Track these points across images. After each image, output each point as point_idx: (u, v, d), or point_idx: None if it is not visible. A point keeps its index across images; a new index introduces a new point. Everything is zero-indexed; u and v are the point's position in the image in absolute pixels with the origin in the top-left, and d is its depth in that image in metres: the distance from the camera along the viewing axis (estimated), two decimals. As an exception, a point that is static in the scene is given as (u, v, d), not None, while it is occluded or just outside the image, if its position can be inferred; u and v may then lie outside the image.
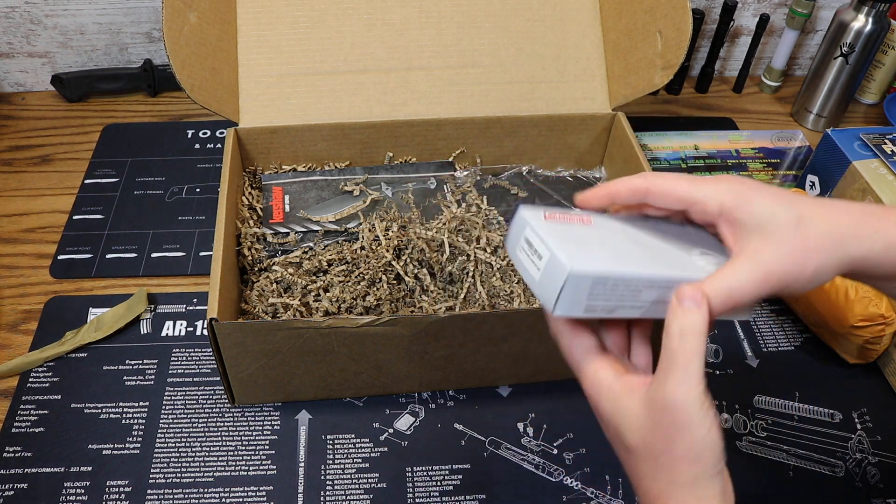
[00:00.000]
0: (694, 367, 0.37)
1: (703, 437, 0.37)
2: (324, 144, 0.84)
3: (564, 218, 0.42)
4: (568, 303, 0.38)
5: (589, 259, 0.38)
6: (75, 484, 0.63)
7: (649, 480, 0.39)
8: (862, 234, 0.39)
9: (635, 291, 0.40)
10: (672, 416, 0.37)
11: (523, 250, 0.41)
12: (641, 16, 0.80)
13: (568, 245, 0.39)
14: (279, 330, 0.60)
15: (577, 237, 0.41)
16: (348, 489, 0.64)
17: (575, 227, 0.42)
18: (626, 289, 0.39)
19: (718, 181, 0.41)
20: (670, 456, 0.38)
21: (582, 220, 0.43)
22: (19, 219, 0.86)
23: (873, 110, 1.11)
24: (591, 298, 0.39)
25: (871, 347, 0.71)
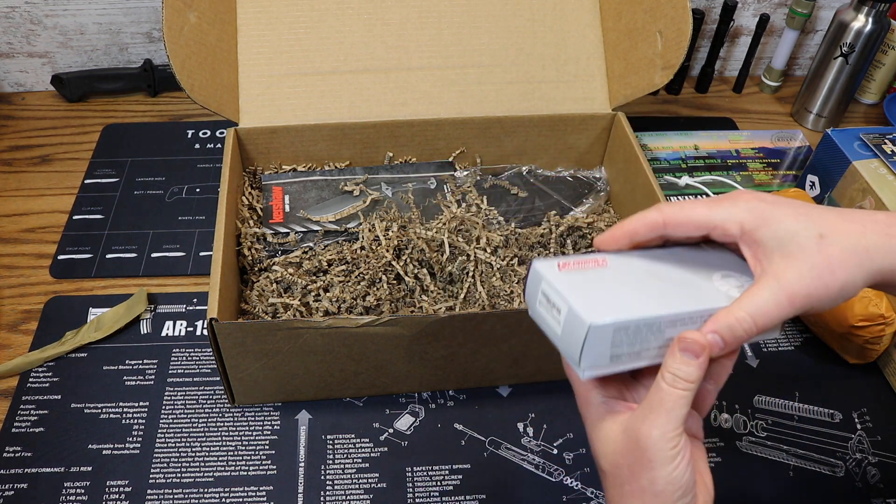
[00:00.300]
0: (677, 412, 0.38)
1: (665, 476, 0.38)
2: (324, 144, 0.84)
3: (579, 265, 0.42)
4: (593, 355, 0.38)
5: (608, 308, 0.38)
6: (75, 484, 0.63)
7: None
8: (889, 245, 0.39)
9: (659, 332, 0.40)
10: (642, 451, 0.38)
11: (542, 304, 0.41)
12: (641, 16, 0.80)
13: (585, 296, 0.39)
14: (279, 330, 0.60)
15: (595, 284, 0.41)
16: (348, 489, 0.64)
17: (590, 273, 0.41)
18: (649, 331, 0.39)
19: (735, 201, 0.41)
20: (632, 486, 0.39)
21: (597, 263, 0.42)
22: (19, 219, 0.86)
23: (873, 110, 1.11)
24: (615, 347, 0.39)
25: (871, 347, 0.71)
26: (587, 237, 0.81)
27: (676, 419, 0.38)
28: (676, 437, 0.38)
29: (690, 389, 0.38)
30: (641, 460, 0.38)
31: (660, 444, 0.38)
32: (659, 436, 0.38)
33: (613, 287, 0.41)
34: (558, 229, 0.80)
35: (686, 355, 0.38)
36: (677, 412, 0.38)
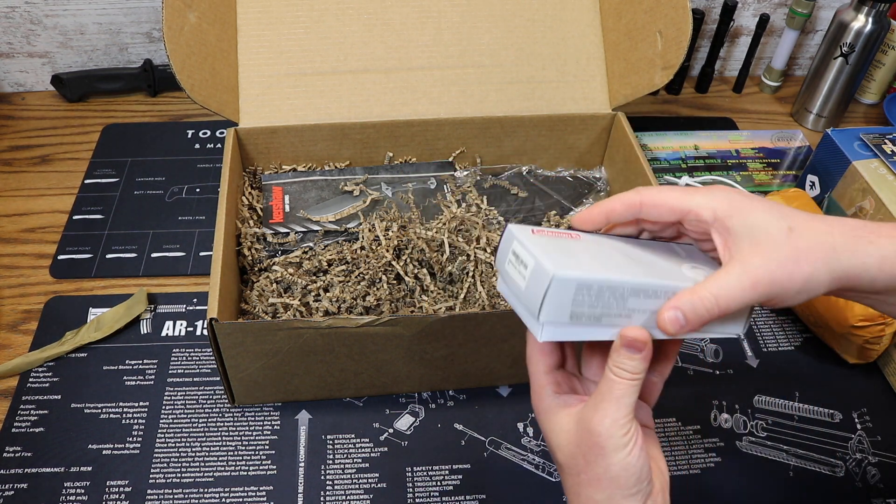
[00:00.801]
0: (626, 400, 0.40)
1: (619, 461, 0.40)
2: (324, 144, 0.84)
3: (553, 233, 0.43)
4: (553, 308, 0.39)
5: (574, 265, 0.39)
6: (75, 484, 0.63)
7: (573, 495, 0.42)
8: (855, 246, 0.39)
9: (621, 299, 0.40)
10: (595, 439, 0.40)
11: (511, 263, 0.41)
12: (641, 16, 0.80)
13: (553, 254, 0.39)
14: (279, 330, 0.60)
15: (565, 248, 0.41)
16: (348, 489, 0.64)
17: (563, 241, 0.42)
18: (612, 296, 0.40)
19: (712, 190, 0.42)
20: (588, 475, 0.41)
21: (570, 236, 0.43)
22: (19, 219, 0.86)
23: (873, 110, 1.11)
24: (575, 305, 0.39)
25: (871, 347, 0.71)
26: (587, 237, 0.81)
27: (625, 407, 0.40)
28: (627, 425, 0.40)
29: (636, 379, 0.40)
30: (595, 448, 0.40)
31: (611, 430, 0.40)
32: (610, 423, 0.40)
33: (582, 254, 0.41)
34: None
35: (629, 350, 0.40)
36: (626, 400, 0.40)
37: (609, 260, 0.42)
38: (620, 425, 0.40)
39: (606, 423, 0.40)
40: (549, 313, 0.39)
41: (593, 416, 0.40)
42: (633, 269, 0.41)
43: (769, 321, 0.80)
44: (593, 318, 0.40)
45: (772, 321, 0.80)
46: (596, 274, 0.39)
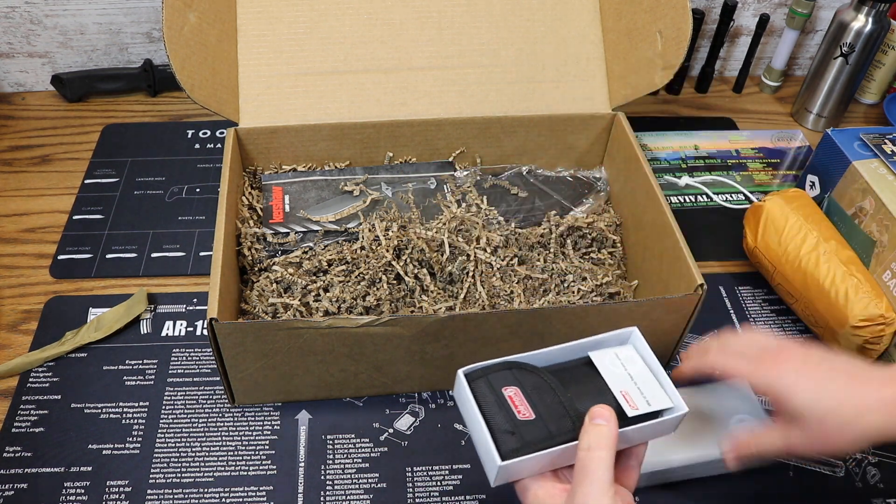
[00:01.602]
0: (601, 475, 0.43)
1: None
2: (324, 144, 0.84)
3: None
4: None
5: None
6: (75, 484, 0.63)
7: None
8: (888, 423, 0.47)
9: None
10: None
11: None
12: (641, 16, 0.80)
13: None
14: (279, 330, 0.60)
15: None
16: (348, 489, 0.64)
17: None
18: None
19: (777, 364, 0.51)
20: None
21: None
22: (19, 219, 0.86)
23: (873, 110, 1.11)
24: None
25: (871, 347, 0.71)
26: (587, 237, 0.81)
27: (602, 481, 0.43)
28: (611, 499, 0.43)
29: (607, 452, 0.44)
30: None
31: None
32: (594, 500, 0.43)
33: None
34: (558, 229, 0.80)
35: (597, 420, 0.45)
36: (601, 474, 0.43)
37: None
38: (596, 497, 0.43)
39: (591, 501, 0.43)
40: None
41: (575, 498, 0.43)
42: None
43: (769, 321, 0.80)
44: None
45: (772, 321, 0.80)
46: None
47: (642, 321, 0.66)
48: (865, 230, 0.78)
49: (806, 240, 0.76)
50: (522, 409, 0.49)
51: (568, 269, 0.77)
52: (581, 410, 0.48)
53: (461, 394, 0.51)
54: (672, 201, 0.93)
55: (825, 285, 0.73)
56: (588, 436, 0.45)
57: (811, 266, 0.74)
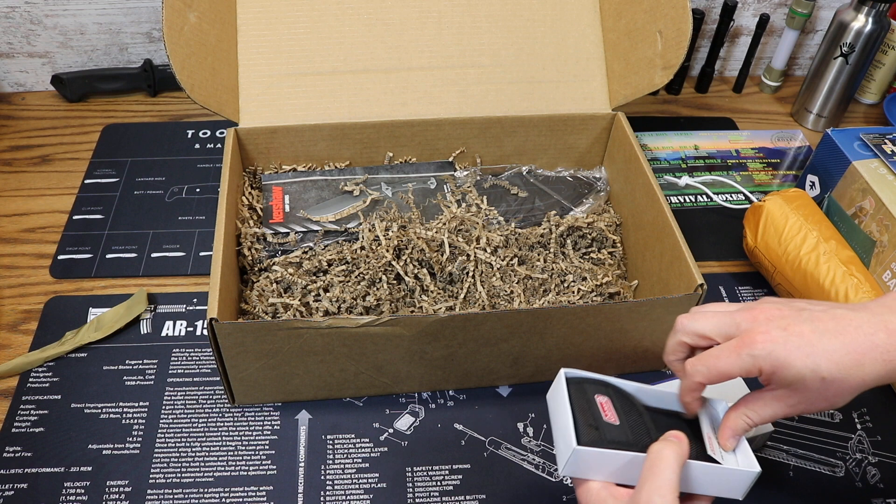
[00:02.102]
0: (668, 475, 0.44)
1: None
2: (324, 144, 0.84)
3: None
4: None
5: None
6: (75, 484, 0.63)
7: None
8: (885, 370, 0.46)
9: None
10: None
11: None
12: (641, 16, 0.80)
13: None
14: (279, 330, 0.60)
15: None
16: (348, 489, 0.64)
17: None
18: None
19: (752, 347, 0.47)
20: None
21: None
22: (19, 219, 0.86)
23: (873, 110, 1.11)
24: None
25: (871, 347, 0.71)
26: (587, 237, 0.81)
27: (669, 481, 0.43)
28: (672, 500, 0.43)
29: (677, 458, 0.45)
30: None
31: (652, 498, 0.43)
32: (659, 499, 0.43)
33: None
34: (558, 229, 0.80)
35: (671, 438, 0.46)
36: (668, 474, 0.44)
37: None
38: (661, 494, 0.43)
39: (654, 501, 0.43)
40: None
41: (640, 495, 0.44)
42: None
43: (769, 321, 0.80)
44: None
45: (772, 321, 0.80)
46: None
47: (642, 321, 0.66)
48: (865, 230, 0.78)
49: (806, 240, 0.76)
50: (609, 414, 0.50)
51: (568, 269, 0.77)
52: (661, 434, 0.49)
53: (556, 389, 0.52)
54: (672, 201, 0.93)
55: (825, 285, 0.73)
56: (659, 443, 0.46)
57: (811, 266, 0.74)
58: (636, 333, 0.67)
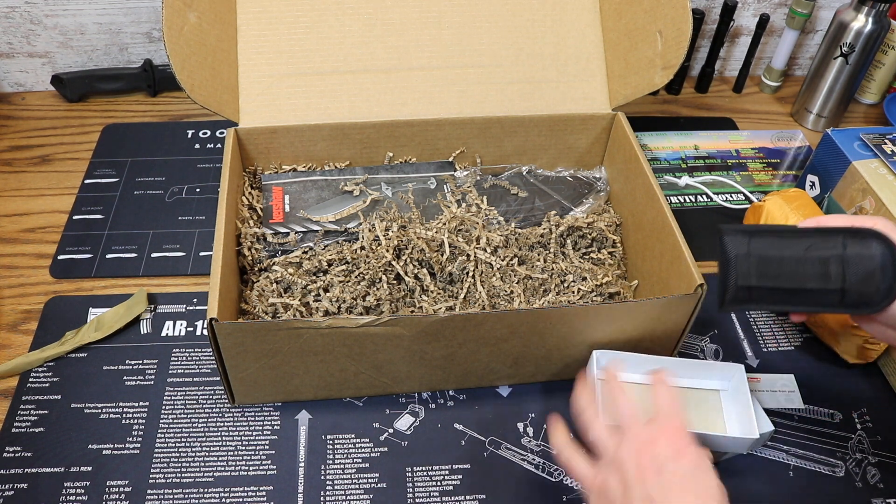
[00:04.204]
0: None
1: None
2: (324, 144, 0.84)
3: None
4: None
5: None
6: (75, 484, 0.63)
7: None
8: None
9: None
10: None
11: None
12: (641, 16, 0.80)
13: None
14: (279, 330, 0.60)
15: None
16: (348, 489, 0.64)
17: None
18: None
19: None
20: None
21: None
22: (19, 219, 0.86)
23: (873, 110, 1.11)
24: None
25: (871, 347, 0.71)
26: (587, 237, 0.81)
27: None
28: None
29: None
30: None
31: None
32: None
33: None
34: (558, 229, 0.80)
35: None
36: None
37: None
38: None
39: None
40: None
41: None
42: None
43: (769, 321, 0.80)
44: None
45: (772, 321, 0.80)
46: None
47: (642, 321, 0.66)
48: (865, 230, 0.78)
49: (806, 240, 0.76)
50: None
51: (568, 269, 0.77)
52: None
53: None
54: (672, 201, 0.93)
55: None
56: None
57: (811, 266, 0.74)
58: (636, 333, 0.67)
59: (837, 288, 0.52)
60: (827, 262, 0.52)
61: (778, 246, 0.54)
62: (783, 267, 0.53)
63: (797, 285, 0.53)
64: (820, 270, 0.53)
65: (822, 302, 0.54)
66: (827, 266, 0.52)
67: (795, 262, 0.53)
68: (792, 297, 0.54)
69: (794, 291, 0.53)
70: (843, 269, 0.52)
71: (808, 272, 0.53)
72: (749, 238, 0.54)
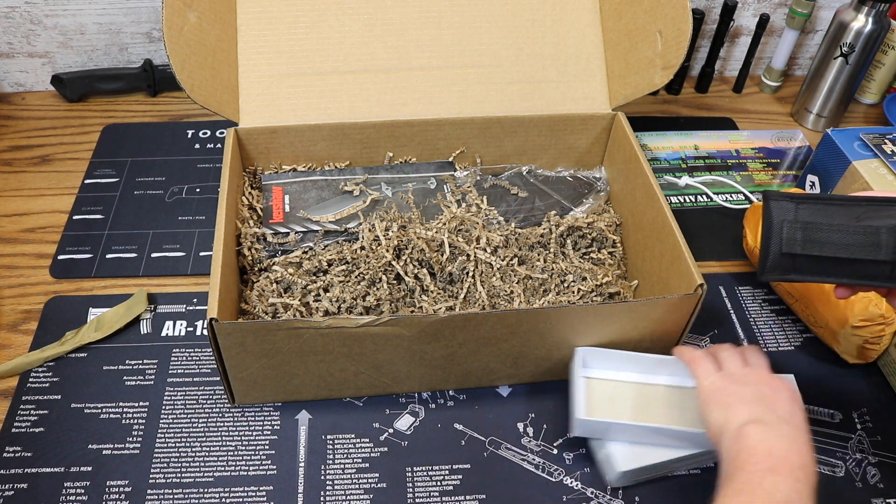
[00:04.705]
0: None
1: None
2: (324, 144, 0.84)
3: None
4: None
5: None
6: (75, 484, 0.63)
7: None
8: None
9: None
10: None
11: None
12: (641, 16, 0.80)
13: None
14: (279, 330, 0.60)
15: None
16: (348, 489, 0.64)
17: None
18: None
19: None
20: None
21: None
22: (19, 219, 0.86)
23: (873, 110, 1.11)
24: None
25: (871, 347, 0.71)
26: (587, 237, 0.81)
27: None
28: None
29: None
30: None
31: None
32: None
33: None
34: (558, 229, 0.80)
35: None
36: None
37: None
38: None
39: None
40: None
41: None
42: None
43: (769, 321, 0.80)
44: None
45: (772, 321, 0.80)
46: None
47: (642, 321, 0.66)
48: (865, 230, 0.78)
49: (806, 240, 0.76)
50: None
51: (568, 269, 0.77)
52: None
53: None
54: (672, 201, 0.93)
55: (825, 285, 0.73)
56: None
57: (811, 266, 0.74)
58: (636, 333, 0.67)
59: (889, 259, 0.49)
60: (878, 232, 0.49)
61: (827, 213, 0.51)
62: (831, 235, 0.50)
63: (845, 255, 0.50)
64: (871, 240, 0.50)
65: (871, 275, 0.51)
66: (878, 236, 0.49)
67: (845, 230, 0.50)
68: (839, 267, 0.51)
69: (841, 261, 0.50)
70: (895, 241, 0.49)
71: (858, 242, 0.50)
72: (796, 204, 0.52)
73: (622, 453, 0.64)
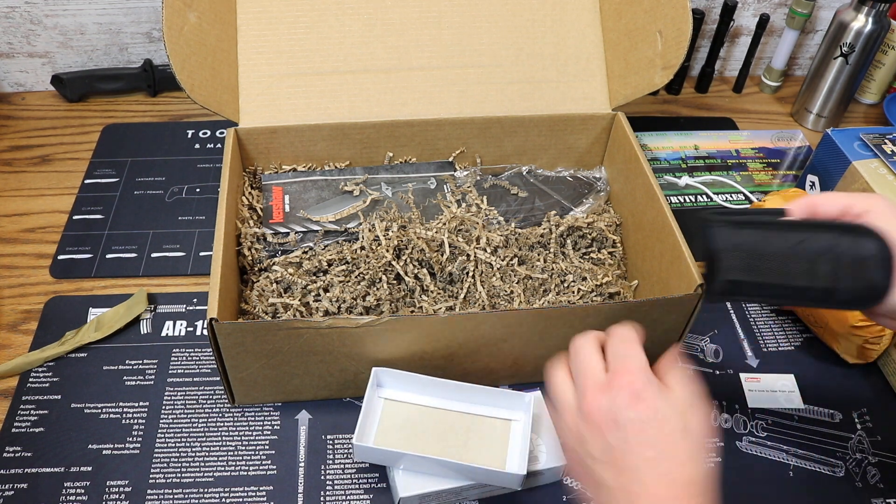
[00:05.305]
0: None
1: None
2: (324, 144, 0.84)
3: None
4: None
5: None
6: (75, 484, 0.63)
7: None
8: None
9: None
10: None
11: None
12: (641, 16, 0.80)
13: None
14: (279, 330, 0.60)
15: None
16: (348, 489, 0.64)
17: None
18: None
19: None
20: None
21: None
22: (19, 219, 0.86)
23: (873, 110, 1.11)
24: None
25: (871, 347, 0.71)
26: (587, 237, 0.81)
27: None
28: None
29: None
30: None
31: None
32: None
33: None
34: (558, 229, 0.80)
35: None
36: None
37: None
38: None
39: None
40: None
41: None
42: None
43: (769, 321, 0.80)
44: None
45: (772, 321, 0.80)
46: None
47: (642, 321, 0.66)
48: (865, 230, 0.78)
49: (806, 240, 0.76)
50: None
51: (568, 269, 0.77)
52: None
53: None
54: (672, 201, 0.93)
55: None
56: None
57: (811, 266, 0.74)
58: (636, 333, 0.67)
59: (827, 286, 0.50)
60: (817, 259, 0.50)
61: (766, 240, 0.51)
62: (771, 263, 0.51)
63: (785, 282, 0.51)
64: (809, 268, 0.50)
65: (811, 298, 0.51)
66: (817, 264, 0.50)
67: (784, 258, 0.51)
68: (780, 292, 0.52)
69: (782, 287, 0.51)
70: (833, 267, 0.50)
71: (797, 269, 0.51)
72: (735, 231, 0.52)
73: (403, 479, 0.60)
